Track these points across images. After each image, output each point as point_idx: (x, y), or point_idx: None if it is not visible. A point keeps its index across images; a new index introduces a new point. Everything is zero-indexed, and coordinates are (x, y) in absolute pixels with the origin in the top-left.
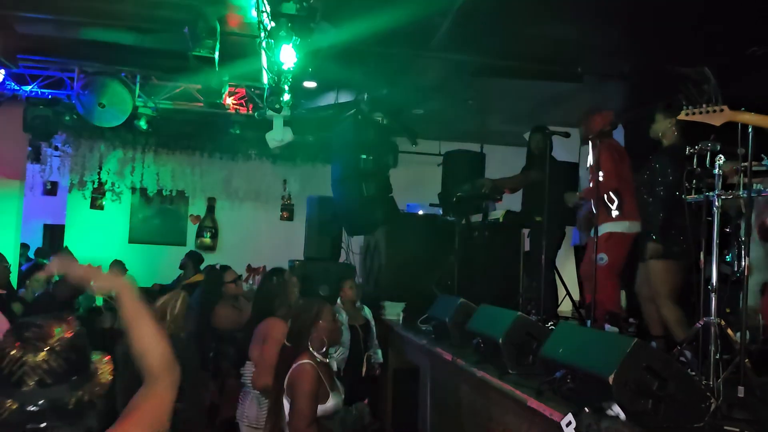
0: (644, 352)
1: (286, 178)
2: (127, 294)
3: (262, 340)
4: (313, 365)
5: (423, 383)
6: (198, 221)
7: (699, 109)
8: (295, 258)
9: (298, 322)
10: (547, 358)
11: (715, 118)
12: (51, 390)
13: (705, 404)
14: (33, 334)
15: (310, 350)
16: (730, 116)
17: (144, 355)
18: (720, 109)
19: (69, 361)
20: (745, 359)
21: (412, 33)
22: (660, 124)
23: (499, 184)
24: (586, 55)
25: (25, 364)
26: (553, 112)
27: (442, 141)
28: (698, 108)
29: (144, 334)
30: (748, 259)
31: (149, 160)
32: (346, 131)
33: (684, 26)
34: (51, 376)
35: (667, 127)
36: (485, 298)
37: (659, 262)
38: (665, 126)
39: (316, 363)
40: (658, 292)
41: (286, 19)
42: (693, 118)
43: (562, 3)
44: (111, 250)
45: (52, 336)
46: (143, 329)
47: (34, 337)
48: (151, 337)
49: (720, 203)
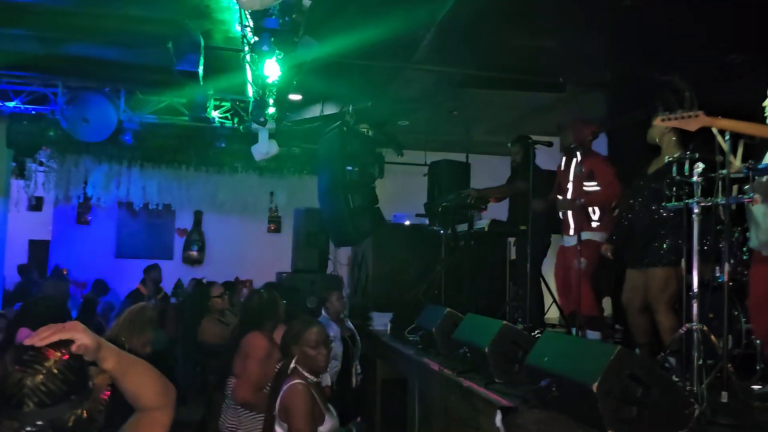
0: (628, 359)
1: (273, 191)
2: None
3: (244, 354)
4: (305, 384)
5: (411, 393)
6: (185, 234)
7: (675, 115)
8: (282, 270)
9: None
10: (533, 367)
11: (690, 124)
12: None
13: (689, 410)
14: (30, 357)
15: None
16: (705, 122)
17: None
18: (695, 115)
19: (67, 382)
20: (728, 364)
21: (395, 46)
22: (656, 129)
23: (484, 193)
24: (568, 65)
25: (24, 387)
26: (537, 121)
27: (428, 151)
28: (674, 113)
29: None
30: (728, 265)
31: (135, 174)
32: (331, 143)
33: (664, 35)
34: (50, 398)
35: (664, 131)
36: (472, 307)
37: (658, 269)
38: (661, 130)
39: (307, 383)
40: (657, 298)
41: (269, 34)
42: (669, 124)
43: (541, 14)
44: (98, 265)
45: (49, 359)
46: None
47: (32, 361)
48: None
49: (700, 210)
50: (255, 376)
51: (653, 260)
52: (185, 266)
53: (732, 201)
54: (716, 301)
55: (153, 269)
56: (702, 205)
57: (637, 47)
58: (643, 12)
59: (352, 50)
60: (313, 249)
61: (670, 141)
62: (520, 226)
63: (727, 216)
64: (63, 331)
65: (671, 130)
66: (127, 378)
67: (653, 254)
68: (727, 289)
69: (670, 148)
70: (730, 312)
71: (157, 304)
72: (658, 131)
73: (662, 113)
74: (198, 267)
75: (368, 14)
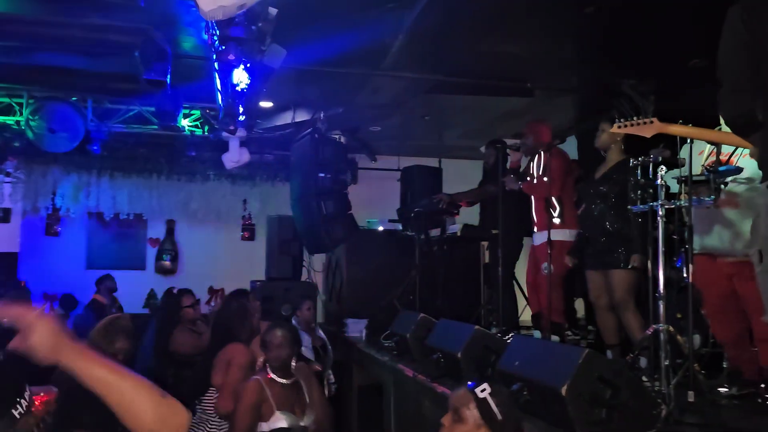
0: (596, 362)
1: (246, 198)
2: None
3: (225, 365)
4: (259, 381)
5: (387, 400)
6: (157, 244)
7: (630, 122)
8: (256, 278)
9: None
10: (504, 371)
11: (645, 130)
12: None
13: (656, 410)
14: None
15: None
16: (659, 128)
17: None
18: (650, 121)
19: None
20: (694, 364)
21: (365, 53)
22: (607, 135)
23: (455, 198)
24: (535, 70)
25: None
26: (508, 125)
27: (401, 156)
28: (629, 120)
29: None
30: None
31: (105, 184)
32: (303, 150)
33: (627, 40)
34: None
35: (613, 138)
36: (447, 312)
37: (620, 271)
38: (613, 137)
39: (268, 381)
40: (623, 300)
41: (235, 43)
42: (624, 131)
43: (508, 21)
44: (68, 277)
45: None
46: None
47: None
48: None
49: (664, 212)
50: (238, 384)
51: (613, 263)
52: (158, 276)
53: (695, 204)
54: (683, 301)
55: (107, 279)
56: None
57: (601, 53)
58: (605, 18)
59: (321, 58)
60: (287, 256)
61: (619, 147)
62: (492, 229)
63: (690, 218)
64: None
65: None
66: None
67: (611, 257)
68: (692, 289)
69: (615, 154)
70: (696, 312)
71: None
72: (610, 137)
73: (617, 120)
74: (171, 277)
75: (336, 22)
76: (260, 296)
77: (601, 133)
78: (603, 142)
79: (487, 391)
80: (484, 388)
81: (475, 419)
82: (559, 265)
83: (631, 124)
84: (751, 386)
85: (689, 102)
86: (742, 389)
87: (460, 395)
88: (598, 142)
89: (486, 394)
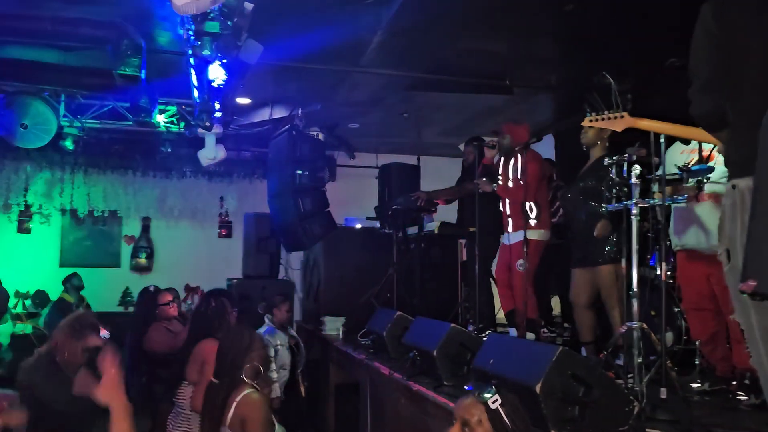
0: (569, 360)
1: (223, 195)
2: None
3: (201, 361)
4: (260, 393)
5: (363, 398)
6: (132, 242)
7: (601, 116)
8: (233, 276)
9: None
10: (479, 369)
11: (616, 124)
12: None
13: (629, 408)
14: None
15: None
16: (630, 122)
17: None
18: (621, 116)
19: None
20: (666, 361)
21: (343, 49)
22: (592, 132)
23: (433, 195)
24: (514, 67)
25: None
26: (488, 122)
27: (379, 154)
28: (600, 114)
29: None
30: (665, 265)
31: (79, 181)
32: (281, 147)
33: (606, 39)
34: None
35: (599, 137)
36: (425, 309)
37: (606, 266)
38: (598, 134)
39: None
40: (609, 295)
41: (210, 38)
42: (595, 124)
43: (486, 18)
44: (41, 274)
45: None
46: None
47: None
48: None
49: (638, 211)
50: None
51: (598, 258)
52: (133, 274)
53: (669, 202)
54: (657, 299)
55: (74, 277)
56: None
57: (580, 51)
58: (584, 16)
59: (299, 54)
60: (264, 254)
61: (603, 145)
62: (469, 227)
63: (663, 216)
64: None
65: (607, 135)
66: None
67: (597, 252)
68: (665, 287)
69: (600, 151)
70: (669, 309)
71: None
72: (595, 135)
73: (588, 114)
74: (147, 275)
75: (314, 18)
76: (237, 294)
77: (587, 130)
78: (588, 139)
79: (499, 402)
80: (495, 399)
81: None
82: (534, 263)
83: (602, 118)
84: (723, 382)
85: (665, 101)
86: (714, 385)
87: (467, 405)
88: (583, 139)
89: (498, 405)
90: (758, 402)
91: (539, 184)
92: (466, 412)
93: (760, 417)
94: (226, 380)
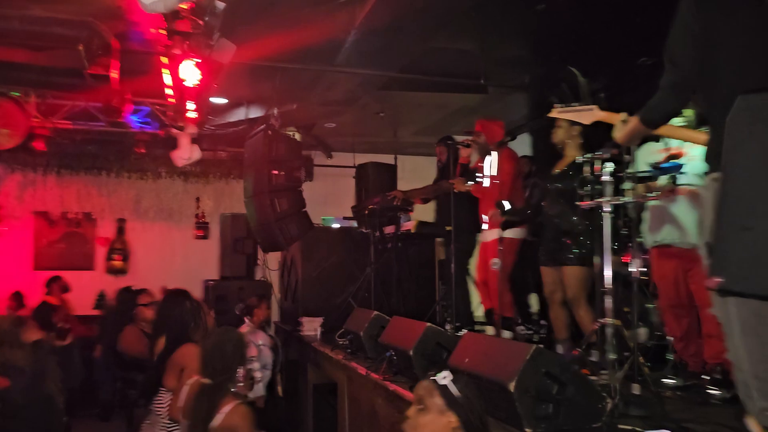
0: (543, 358)
1: (199, 196)
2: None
3: (179, 369)
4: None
5: (341, 398)
6: (107, 244)
7: (570, 108)
8: (210, 277)
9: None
10: (454, 368)
11: (584, 117)
12: None
13: (602, 404)
14: None
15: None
16: (599, 116)
17: None
18: (590, 108)
19: None
20: (639, 357)
21: (317, 49)
22: (563, 130)
23: (409, 195)
24: (488, 67)
25: None
26: (463, 121)
27: (356, 153)
28: (569, 106)
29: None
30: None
31: (51, 182)
32: (257, 146)
33: (578, 38)
34: None
35: (569, 134)
36: (403, 309)
37: (574, 268)
38: (569, 132)
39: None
40: (576, 296)
41: (182, 37)
42: (564, 116)
43: (459, 17)
44: (14, 278)
45: None
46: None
47: None
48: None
49: (611, 209)
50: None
51: (567, 259)
52: (108, 277)
53: (639, 200)
54: (631, 295)
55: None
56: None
57: (552, 50)
58: (556, 16)
59: (274, 53)
60: (241, 255)
61: (576, 143)
62: (446, 226)
63: (636, 214)
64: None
65: (578, 133)
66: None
67: (566, 253)
68: (636, 283)
69: (573, 150)
70: (642, 305)
71: None
72: (565, 132)
73: (558, 105)
74: (122, 277)
75: (288, 17)
76: (214, 295)
77: (557, 128)
78: (558, 138)
79: (449, 378)
80: (445, 375)
81: (439, 407)
82: (509, 262)
83: (571, 110)
84: (694, 378)
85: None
86: (686, 380)
87: (423, 385)
88: (554, 137)
89: (448, 381)
90: (729, 396)
91: (514, 182)
92: (421, 390)
93: (730, 411)
94: (219, 381)
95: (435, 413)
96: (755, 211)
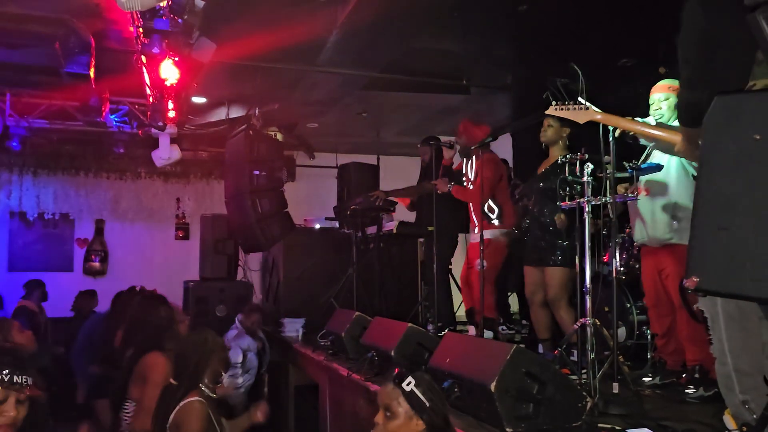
0: (523, 358)
1: (180, 197)
2: None
3: (142, 380)
4: (203, 402)
5: (323, 399)
6: (86, 245)
7: (565, 106)
8: (190, 278)
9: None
10: (436, 369)
11: (579, 116)
12: None
13: (582, 403)
14: None
15: (201, 387)
16: (593, 115)
17: None
18: (585, 108)
19: None
20: (618, 356)
21: (299, 49)
22: (552, 130)
23: (391, 194)
24: (471, 67)
25: None
26: (446, 122)
27: (339, 153)
28: (565, 105)
29: None
30: (618, 260)
31: (28, 182)
32: (238, 147)
33: (559, 39)
34: None
35: (559, 135)
36: (385, 309)
37: (556, 269)
38: (558, 132)
39: (206, 399)
40: (557, 296)
41: (160, 36)
42: (559, 114)
43: (442, 18)
44: None
45: None
46: None
47: None
48: None
49: (590, 209)
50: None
51: (549, 260)
52: (87, 278)
53: (620, 200)
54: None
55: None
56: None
57: (534, 51)
58: (538, 17)
59: (255, 53)
60: (222, 256)
61: (564, 144)
62: (427, 227)
63: (614, 213)
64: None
65: (566, 134)
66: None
67: (548, 254)
68: (616, 283)
69: (559, 150)
70: (622, 304)
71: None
72: (555, 133)
73: (553, 103)
74: (101, 279)
75: (269, 17)
76: (194, 297)
77: (548, 128)
78: (548, 137)
79: (413, 383)
80: (409, 381)
81: (406, 412)
82: (494, 263)
83: (567, 108)
84: (673, 376)
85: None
86: (665, 379)
87: (388, 391)
88: (543, 137)
89: (412, 386)
90: (707, 395)
91: (496, 185)
92: (387, 397)
93: (707, 409)
94: (185, 383)
95: (403, 419)
96: (731, 211)
